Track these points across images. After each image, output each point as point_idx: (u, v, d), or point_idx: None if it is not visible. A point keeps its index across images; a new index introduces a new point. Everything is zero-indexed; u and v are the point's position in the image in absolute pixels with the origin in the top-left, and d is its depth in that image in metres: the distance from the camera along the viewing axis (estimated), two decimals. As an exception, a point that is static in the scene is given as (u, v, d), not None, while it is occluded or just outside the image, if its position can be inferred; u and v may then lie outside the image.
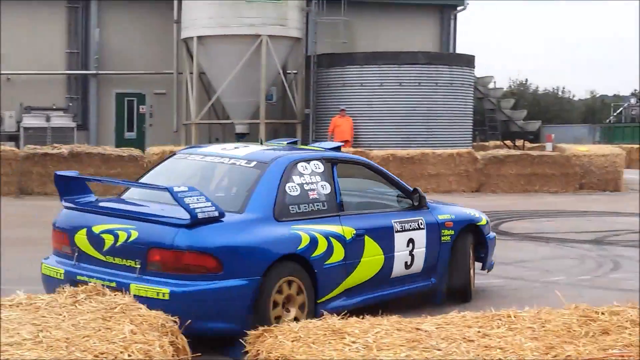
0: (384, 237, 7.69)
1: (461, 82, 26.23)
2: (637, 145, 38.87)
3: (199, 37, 24.48)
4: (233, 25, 24.17)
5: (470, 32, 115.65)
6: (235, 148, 7.64)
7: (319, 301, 6.94)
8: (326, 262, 7.04)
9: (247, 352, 5.08)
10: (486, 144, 31.34)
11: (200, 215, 6.22)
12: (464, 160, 21.72)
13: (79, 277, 6.52)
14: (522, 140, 31.79)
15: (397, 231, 7.82)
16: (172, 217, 6.33)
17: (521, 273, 10.09)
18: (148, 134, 27.28)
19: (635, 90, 70.26)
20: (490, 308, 5.39)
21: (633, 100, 60.21)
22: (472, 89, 27.27)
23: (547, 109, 60.83)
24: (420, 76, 25.38)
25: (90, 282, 5.86)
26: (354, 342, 4.73)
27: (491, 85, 30.23)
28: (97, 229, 6.63)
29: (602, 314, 4.84)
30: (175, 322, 5.02)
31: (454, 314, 5.27)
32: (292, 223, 6.92)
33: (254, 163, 7.19)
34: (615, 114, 59.75)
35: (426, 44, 29.47)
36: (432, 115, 25.44)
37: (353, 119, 24.94)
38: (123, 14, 26.95)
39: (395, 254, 7.79)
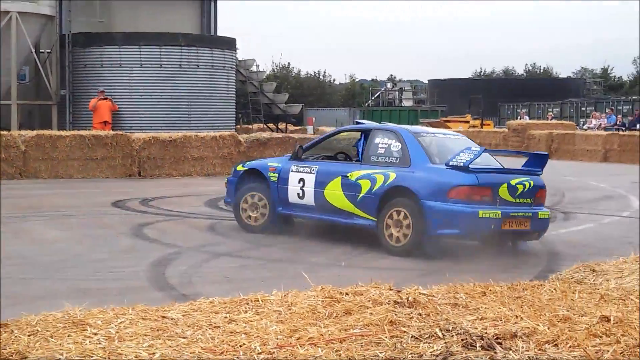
0: None
1: (222, 65, 26.19)
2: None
3: (-60, 12, 22.80)
4: (-22, 0, 22.73)
5: (231, 16, 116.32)
6: None
7: None
8: None
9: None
10: (250, 126, 31.57)
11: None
12: (227, 143, 21.64)
13: (511, 214, 9.78)
14: (284, 123, 32.33)
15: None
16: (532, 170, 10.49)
17: (282, 255, 10.10)
18: None
19: (391, 75, 73.61)
20: (239, 293, 5.27)
21: (389, 85, 63.01)
22: (234, 72, 27.31)
23: (309, 93, 62.41)
24: (181, 58, 25.10)
25: (517, 215, 9.88)
26: (95, 334, 4.51)
27: (254, 69, 30.43)
28: (513, 182, 10.00)
29: (347, 294, 4.87)
30: None
31: (202, 300, 5.14)
32: None
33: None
34: (373, 97, 62.27)
35: (186, 26, 29.14)
36: (194, 98, 25.25)
37: (113, 101, 24.23)
38: None
39: None
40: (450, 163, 9.91)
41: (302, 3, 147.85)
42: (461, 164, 9.79)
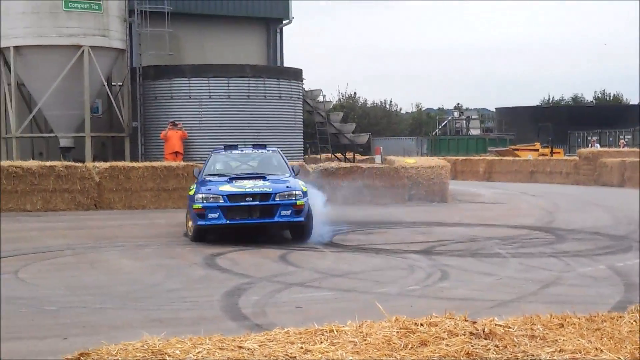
0: None
1: (289, 95, 26.41)
2: (461, 157, 40.41)
3: (16, 47, 23.47)
4: (52, 35, 23.33)
5: (297, 46, 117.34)
6: None
7: None
8: None
9: (60, 378, 4.75)
10: (318, 156, 31.69)
11: None
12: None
13: None
14: (352, 153, 32.39)
15: None
16: None
17: (353, 285, 10.12)
18: (-35, 149, 25.82)
19: (458, 104, 73.22)
20: (314, 323, 5.29)
21: (456, 114, 62.66)
22: (302, 102, 27.51)
23: (376, 122, 62.44)
24: (248, 89, 25.39)
25: None
26: (174, 364, 4.54)
27: (320, 99, 30.60)
28: None
29: (421, 325, 4.84)
30: None
31: (277, 330, 5.15)
32: None
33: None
34: (440, 126, 61.98)
35: (253, 57, 29.51)
36: (262, 128, 25.49)
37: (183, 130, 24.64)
38: None
39: None
40: None
41: (365, 33, 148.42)
42: None
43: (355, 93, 67.86)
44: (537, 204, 22.52)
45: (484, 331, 4.76)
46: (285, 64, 30.56)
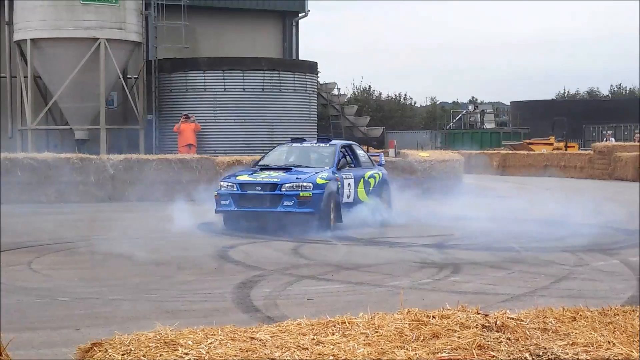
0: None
1: (304, 88, 26.43)
2: (476, 151, 40.30)
3: (33, 40, 23.58)
4: (69, 28, 23.44)
5: (313, 39, 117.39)
6: None
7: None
8: None
9: (74, 368, 4.78)
10: (331, 149, 31.62)
11: None
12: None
13: None
14: (366, 146, 32.35)
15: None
16: None
17: (365, 278, 10.13)
18: (-20, 141, 25.98)
19: (473, 97, 73.05)
20: (326, 315, 5.30)
21: (471, 108, 62.47)
22: (316, 95, 27.52)
23: (390, 115, 62.34)
24: (263, 82, 25.42)
25: None
26: (186, 354, 4.57)
27: (335, 92, 30.60)
28: None
29: (433, 317, 4.84)
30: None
31: (289, 321, 5.16)
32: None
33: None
34: (454, 120, 61.82)
35: (268, 50, 29.55)
36: (276, 121, 25.52)
37: (197, 123, 24.68)
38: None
39: None
40: None
41: (381, 25, 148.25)
42: None
43: (369, 86, 67.72)
44: (551, 197, 22.44)
45: (496, 324, 4.75)
46: (301, 57, 30.59)
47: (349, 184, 15.32)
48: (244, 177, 14.53)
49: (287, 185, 14.08)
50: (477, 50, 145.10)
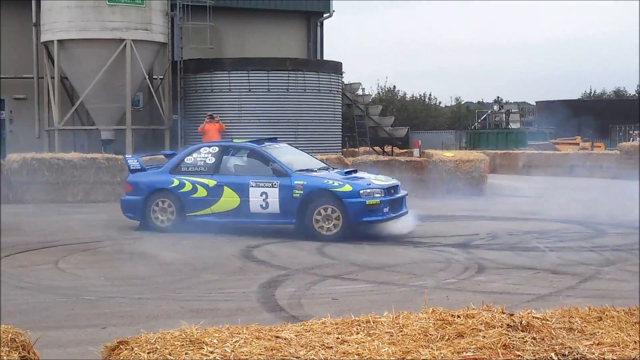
0: (240, 188, 13.68)
1: (329, 89, 26.42)
2: (500, 151, 40.11)
3: (60, 41, 23.75)
4: (95, 29, 23.57)
5: (337, 39, 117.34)
6: None
7: (188, 214, 14.03)
8: (191, 196, 13.98)
9: (101, 366, 4.82)
10: (356, 149, 31.64)
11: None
12: (334, 166, 21.74)
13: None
14: (390, 146, 32.30)
15: (252, 186, 13.62)
16: None
17: (390, 277, 10.13)
18: (8, 141, 26.22)
19: (498, 97, 72.72)
20: (350, 314, 5.30)
21: (496, 107, 62.16)
22: (340, 96, 27.50)
23: (415, 115, 62.17)
24: (288, 82, 25.44)
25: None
26: (211, 352, 4.59)
27: (359, 92, 30.55)
28: None
29: (458, 317, 4.83)
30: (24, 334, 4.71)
31: (314, 320, 5.17)
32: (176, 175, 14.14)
33: None
34: (479, 120, 61.56)
35: (293, 50, 29.57)
36: (301, 121, 25.53)
37: (222, 123, 24.75)
38: (-22, 15, 25.90)
39: (250, 199, 13.61)
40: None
41: (406, 25, 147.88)
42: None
43: (394, 87, 67.53)
44: (577, 197, 22.31)
45: (521, 323, 4.74)
46: (325, 58, 30.58)
47: None
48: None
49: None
50: (502, 49, 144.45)
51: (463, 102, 76.79)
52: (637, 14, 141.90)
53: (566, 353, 4.17)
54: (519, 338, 4.49)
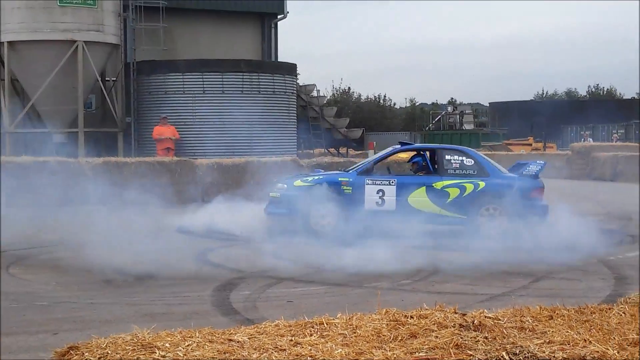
0: None
1: (283, 90, 26.40)
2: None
3: (10, 43, 23.41)
4: (46, 31, 23.29)
5: (292, 40, 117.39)
6: None
7: None
8: None
9: (50, 372, 4.76)
10: (311, 151, 31.65)
11: None
12: (289, 168, 21.72)
13: None
14: (345, 148, 32.37)
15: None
16: None
17: (345, 279, 10.12)
18: (-43, 145, 25.75)
19: (452, 99, 73.28)
20: (304, 316, 5.29)
21: (450, 109, 62.64)
22: (295, 97, 27.49)
23: (370, 117, 62.37)
24: (242, 84, 25.37)
25: None
26: (163, 357, 4.56)
27: (314, 94, 30.58)
28: None
29: (411, 317, 4.86)
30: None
31: (267, 323, 5.16)
32: None
33: None
34: (434, 121, 61.97)
35: (248, 52, 29.52)
36: (256, 123, 25.47)
37: (176, 127, 24.58)
38: None
39: None
40: (524, 173, 13.92)
41: (360, 27, 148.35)
42: (532, 174, 13.95)
43: (349, 88, 67.72)
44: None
45: (473, 323, 4.78)
46: (280, 59, 30.55)
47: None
48: None
49: None
50: (456, 51, 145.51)
51: (417, 104, 77.30)
52: (578, 11, 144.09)
53: (517, 352, 4.21)
54: (471, 338, 4.53)
